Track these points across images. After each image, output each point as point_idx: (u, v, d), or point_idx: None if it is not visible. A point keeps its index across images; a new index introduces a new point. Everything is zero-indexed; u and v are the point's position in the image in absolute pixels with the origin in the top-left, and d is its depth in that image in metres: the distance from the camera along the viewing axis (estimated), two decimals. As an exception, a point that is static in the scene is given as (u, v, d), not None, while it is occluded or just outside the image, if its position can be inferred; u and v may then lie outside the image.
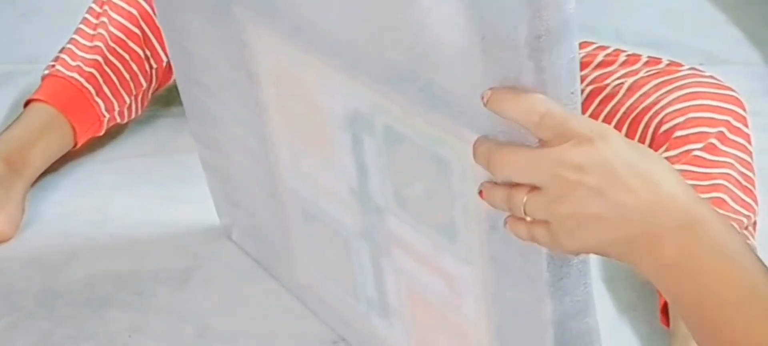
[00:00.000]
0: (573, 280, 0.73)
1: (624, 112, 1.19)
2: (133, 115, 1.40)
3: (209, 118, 1.09)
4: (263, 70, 0.93)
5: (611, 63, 1.26)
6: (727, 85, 1.21)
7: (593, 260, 1.24)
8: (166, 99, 1.51)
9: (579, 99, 0.67)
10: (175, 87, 1.50)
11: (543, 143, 0.66)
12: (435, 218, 0.80)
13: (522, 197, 0.67)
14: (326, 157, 0.89)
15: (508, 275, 0.75)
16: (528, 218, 0.68)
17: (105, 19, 1.35)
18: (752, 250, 0.68)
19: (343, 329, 1.05)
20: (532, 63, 0.64)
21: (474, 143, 0.69)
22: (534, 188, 0.67)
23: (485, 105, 0.67)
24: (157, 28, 1.37)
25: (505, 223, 0.70)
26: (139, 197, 1.31)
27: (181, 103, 1.51)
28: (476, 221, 0.75)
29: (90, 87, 1.32)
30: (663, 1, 1.84)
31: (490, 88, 0.67)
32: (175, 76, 1.14)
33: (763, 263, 0.67)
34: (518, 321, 0.77)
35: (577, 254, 0.70)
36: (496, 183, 0.70)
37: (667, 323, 1.09)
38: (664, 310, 1.10)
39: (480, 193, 0.71)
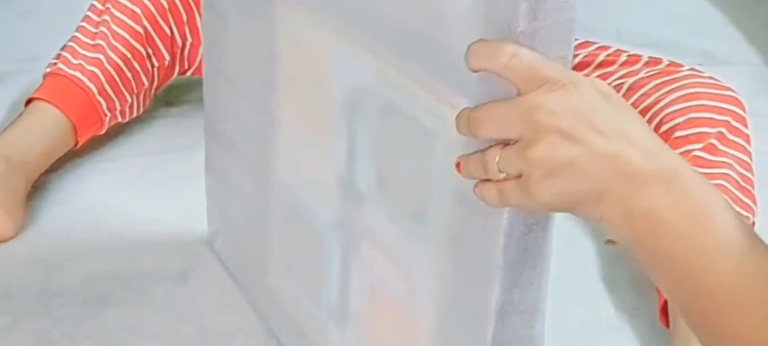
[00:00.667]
0: (526, 271, 0.72)
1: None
2: (135, 114, 1.40)
3: (226, 112, 1.10)
4: (282, 48, 0.94)
5: (612, 63, 1.26)
6: (726, 85, 1.21)
7: (593, 259, 1.25)
8: (167, 99, 1.52)
9: (569, 66, 0.67)
10: (175, 86, 1.51)
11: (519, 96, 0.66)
12: (410, 200, 0.80)
13: (495, 154, 0.67)
14: (322, 139, 0.90)
15: (465, 258, 0.75)
16: (501, 175, 0.67)
17: (107, 17, 1.35)
18: (729, 204, 0.66)
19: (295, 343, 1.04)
20: (527, 6, 0.64)
21: (456, 116, 0.69)
22: (507, 143, 0.67)
23: (467, 64, 0.67)
24: (160, 26, 1.37)
25: (475, 190, 0.70)
26: (138, 196, 1.31)
27: (180, 104, 1.53)
28: (448, 199, 0.74)
29: (92, 86, 1.32)
30: (663, 2, 1.84)
31: (469, 46, 0.67)
32: (205, 71, 1.15)
33: (739, 216, 0.66)
34: (464, 314, 0.77)
35: (547, 208, 0.69)
36: (471, 154, 0.69)
37: (667, 323, 1.09)
38: (664, 310, 1.10)
39: (457, 166, 0.70)
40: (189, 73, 1.45)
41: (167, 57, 1.39)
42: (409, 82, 0.77)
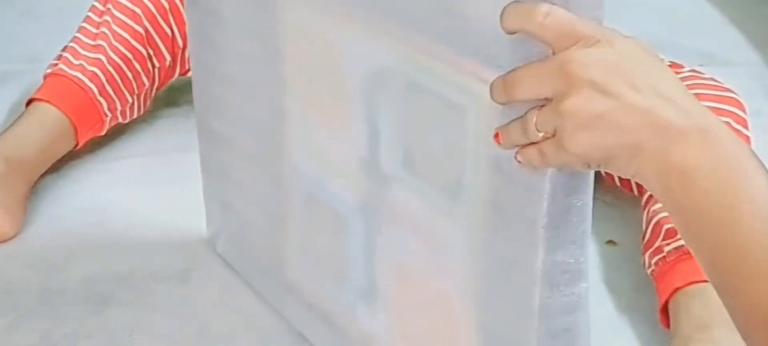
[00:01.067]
0: (569, 231, 0.73)
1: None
2: (136, 115, 1.40)
3: (220, 111, 1.10)
4: (289, 41, 0.94)
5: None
6: (727, 86, 1.21)
7: (593, 259, 1.25)
8: (167, 99, 1.52)
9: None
10: (176, 87, 1.51)
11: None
12: (441, 176, 0.80)
13: (533, 116, 0.68)
14: (340, 126, 0.91)
15: (505, 226, 0.75)
16: (540, 135, 0.68)
17: (108, 18, 1.35)
18: (762, 166, 0.66)
19: (320, 334, 1.04)
20: None
21: (490, 84, 0.70)
22: (543, 106, 0.67)
23: (502, 26, 0.68)
24: (160, 27, 1.37)
25: (516, 156, 0.70)
26: (139, 196, 1.31)
27: (181, 105, 1.53)
28: (484, 169, 0.75)
29: (92, 86, 1.32)
30: (663, 3, 1.84)
31: (504, 7, 0.68)
32: (192, 71, 1.15)
33: None
34: (506, 285, 0.77)
35: (583, 161, 0.68)
36: (509, 123, 0.70)
37: (668, 324, 1.10)
38: (664, 310, 1.10)
39: (496, 137, 0.71)
40: (190, 74, 1.44)
41: (168, 58, 1.39)
42: (431, 60, 0.77)
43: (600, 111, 0.65)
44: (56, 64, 1.33)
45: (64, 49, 1.35)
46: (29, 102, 1.32)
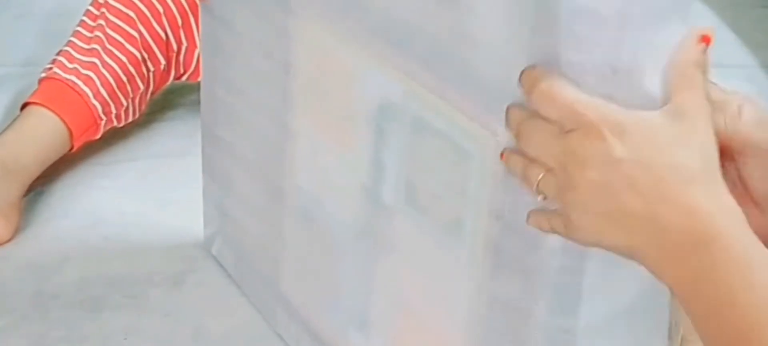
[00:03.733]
0: (567, 283, 0.71)
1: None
2: (131, 119, 1.40)
3: (225, 118, 1.10)
4: (300, 59, 0.94)
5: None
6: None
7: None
8: (162, 103, 1.52)
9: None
10: (171, 90, 1.51)
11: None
12: (443, 213, 0.80)
13: (538, 172, 0.65)
14: (345, 150, 0.90)
15: (504, 270, 0.75)
16: (539, 197, 0.66)
17: (102, 22, 1.35)
18: None
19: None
20: (572, 37, 0.62)
21: (508, 107, 0.67)
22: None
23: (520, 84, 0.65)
24: (155, 30, 1.37)
25: (528, 219, 0.68)
26: (133, 200, 1.31)
27: (176, 108, 1.53)
28: (485, 215, 0.74)
29: (87, 89, 1.32)
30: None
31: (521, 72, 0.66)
32: (202, 74, 1.15)
33: None
34: (504, 330, 0.76)
35: (593, 246, 0.66)
36: (517, 152, 0.68)
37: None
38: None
39: (501, 155, 0.69)
40: (185, 77, 1.44)
41: (163, 61, 1.39)
42: (441, 100, 0.76)
43: (601, 211, 0.62)
44: (51, 68, 1.33)
45: (59, 53, 1.35)
46: (24, 106, 1.32)
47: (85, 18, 1.37)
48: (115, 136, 1.42)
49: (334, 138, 0.92)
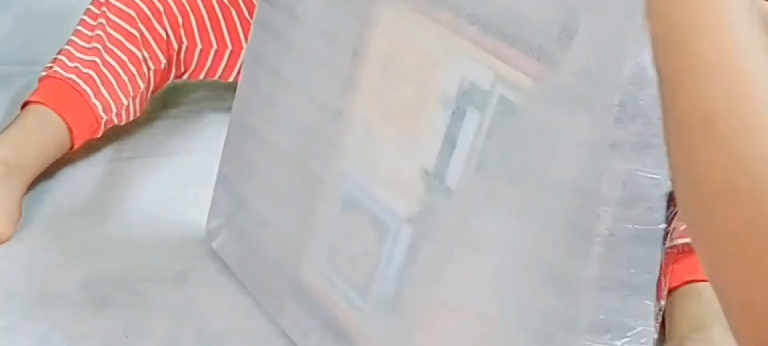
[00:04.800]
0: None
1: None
2: (131, 117, 1.40)
3: (263, 107, 1.11)
4: (374, 45, 0.95)
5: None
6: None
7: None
8: (163, 101, 1.52)
9: None
10: (172, 89, 1.51)
11: None
12: (516, 198, 0.80)
13: None
14: (409, 134, 0.91)
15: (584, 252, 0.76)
16: None
17: (103, 21, 1.35)
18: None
19: (314, 342, 1.05)
20: None
21: None
22: None
23: None
24: (155, 29, 1.37)
25: None
26: (135, 198, 1.31)
27: (178, 106, 1.53)
28: (568, 193, 0.76)
29: (87, 88, 1.32)
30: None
31: None
32: (245, 65, 1.16)
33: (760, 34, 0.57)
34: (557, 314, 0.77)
35: None
36: None
37: (662, 325, 1.10)
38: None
39: None
40: (185, 76, 1.45)
41: (163, 60, 1.39)
42: (530, 84, 0.77)
43: None
44: (51, 67, 1.33)
45: (60, 52, 1.35)
46: (25, 105, 1.32)
47: (85, 17, 1.37)
48: (116, 134, 1.42)
49: (400, 123, 0.93)
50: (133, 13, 1.36)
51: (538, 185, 0.78)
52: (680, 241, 1.12)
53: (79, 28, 1.36)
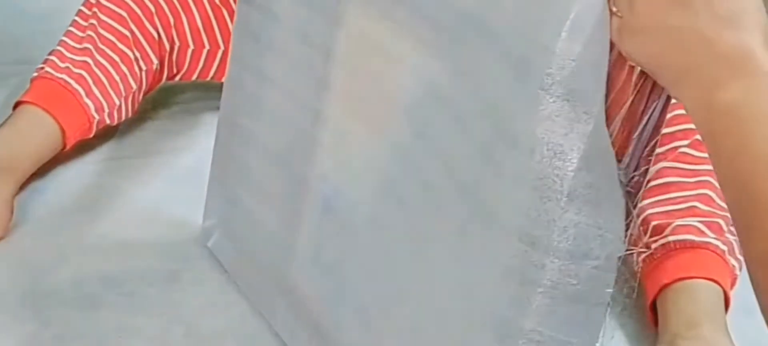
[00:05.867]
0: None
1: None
2: (124, 117, 1.40)
3: (251, 106, 1.11)
4: (344, 45, 0.95)
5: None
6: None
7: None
8: (155, 101, 1.52)
9: None
10: (164, 89, 1.51)
11: None
12: (476, 204, 0.79)
13: None
14: (377, 137, 0.91)
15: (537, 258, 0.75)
16: (613, 8, 0.66)
17: (94, 22, 1.35)
18: None
19: (302, 343, 1.05)
20: None
21: None
22: None
23: None
24: (146, 30, 1.37)
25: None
26: (127, 197, 1.31)
27: (170, 106, 1.53)
28: (520, 205, 0.75)
29: (79, 88, 1.32)
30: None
31: None
32: (229, 63, 1.16)
33: None
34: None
35: (636, 61, 0.67)
36: None
37: (655, 321, 1.10)
38: (653, 308, 1.11)
39: None
40: (178, 77, 1.45)
41: (155, 61, 1.39)
42: (491, 88, 0.76)
43: (664, 24, 0.63)
44: (43, 68, 1.33)
45: (51, 53, 1.35)
46: (16, 105, 1.32)
47: (77, 18, 1.37)
48: (107, 134, 1.42)
49: (369, 125, 0.92)
50: (124, 13, 1.36)
51: (487, 220, 0.77)
52: (672, 238, 1.12)
53: (71, 28, 1.36)
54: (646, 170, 0.74)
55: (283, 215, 1.06)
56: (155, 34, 1.38)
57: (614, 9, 0.66)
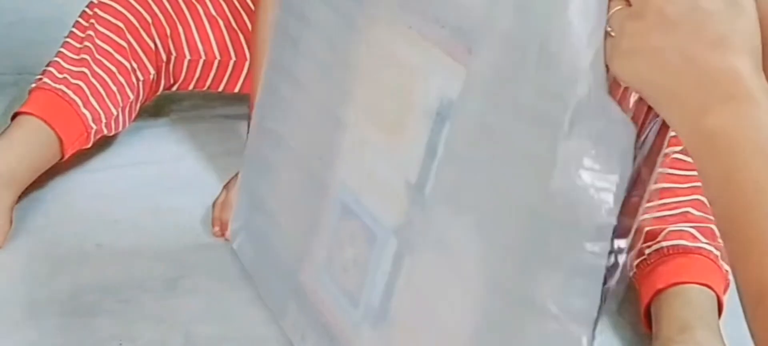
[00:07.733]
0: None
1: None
2: (121, 128, 1.40)
3: (281, 110, 1.12)
4: (364, 54, 0.96)
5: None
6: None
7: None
8: (154, 110, 1.52)
9: None
10: (163, 99, 1.52)
11: None
12: (488, 213, 0.80)
13: (614, 5, 0.66)
14: (394, 146, 0.91)
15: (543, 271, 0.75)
16: (608, 28, 0.66)
17: (91, 33, 1.36)
18: None
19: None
20: None
21: None
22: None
23: None
24: (143, 40, 1.38)
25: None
26: (126, 206, 1.31)
27: (168, 114, 1.53)
28: (533, 215, 0.75)
29: (77, 99, 1.33)
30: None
31: None
32: (266, 67, 1.17)
33: None
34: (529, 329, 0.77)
35: (625, 82, 0.67)
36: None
37: (649, 326, 1.10)
38: (647, 313, 1.11)
39: None
40: (175, 87, 1.45)
41: (152, 71, 1.40)
42: (511, 103, 0.76)
43: (656, 46, 0.62)
44: (41, 79, 1.34)
45: (49, 64, 1.36)
46: (15, 116, 1.32)
47: (74, 29, 1.38)
48: (106, 143, 1.42)
49: (387, 134, 0.93)
50: (121, 24, 1.36)
51: (496, 200, 0.78)
52: (666, 243, 1.13)
53: (68, 39, 1.37)
54: (643, 193, 0.73)
55: (303, 218, 1.07)
56: (152, 45, 1.39)
57: (609, 28, 0.66)
